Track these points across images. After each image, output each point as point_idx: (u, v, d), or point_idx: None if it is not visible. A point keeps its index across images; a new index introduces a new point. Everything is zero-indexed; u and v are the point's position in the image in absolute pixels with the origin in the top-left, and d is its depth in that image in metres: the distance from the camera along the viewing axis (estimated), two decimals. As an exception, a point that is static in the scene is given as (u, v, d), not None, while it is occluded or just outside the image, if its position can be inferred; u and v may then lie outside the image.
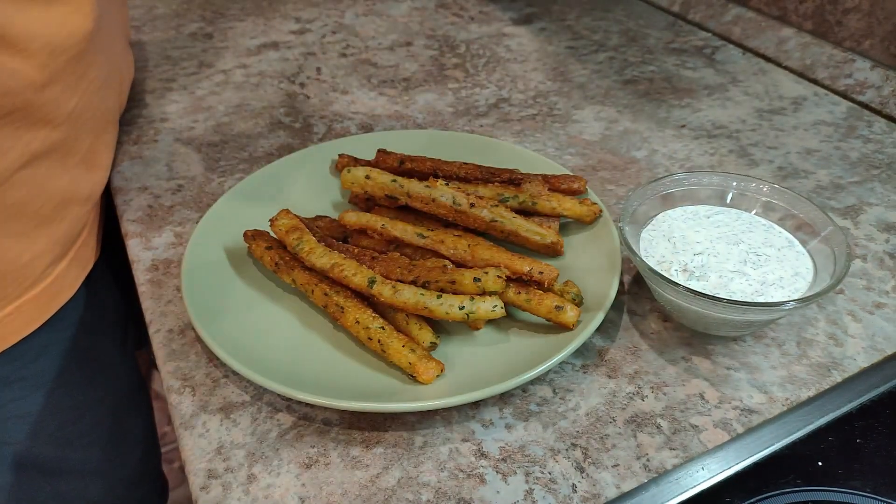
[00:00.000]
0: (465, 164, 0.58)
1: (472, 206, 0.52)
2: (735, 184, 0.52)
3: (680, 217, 0.51)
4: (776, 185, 0.51)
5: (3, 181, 0.48)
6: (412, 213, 0.54)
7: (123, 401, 0.70)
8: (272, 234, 0.52)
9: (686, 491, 0.39)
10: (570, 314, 0.45)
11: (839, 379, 0.45)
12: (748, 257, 0.47)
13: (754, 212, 0.51)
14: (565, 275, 0.50)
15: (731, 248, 0.47)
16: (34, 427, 0.59)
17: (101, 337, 0.65)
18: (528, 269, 0.47)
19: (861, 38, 0.76)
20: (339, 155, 0.63)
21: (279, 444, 0.42)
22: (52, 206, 0.53)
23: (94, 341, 0.63)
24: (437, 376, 0.43)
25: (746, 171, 0.65)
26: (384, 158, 0.60)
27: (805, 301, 0.42)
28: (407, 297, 0.45)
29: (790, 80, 0.80)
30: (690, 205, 0.52)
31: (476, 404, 0.44)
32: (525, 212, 0.54)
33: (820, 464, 0.40)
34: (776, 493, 0.39)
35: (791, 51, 0.82)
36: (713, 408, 0.43)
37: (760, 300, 0.44)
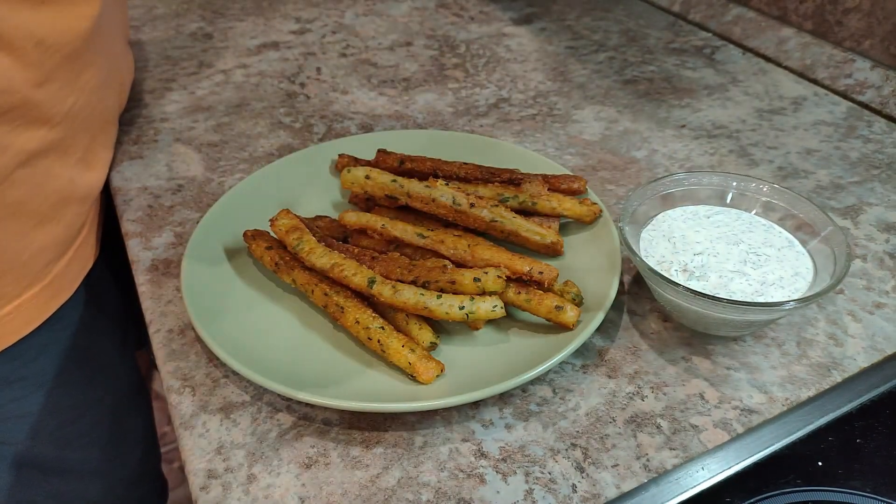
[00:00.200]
0: (465, 164, 0.58)
1: (472, 206, 0.52)
2: (735, 184, 0.52)
3: (680, 217, 0.51)
4: (776, 185, 0.51)
5: (1, 180, 0.48)
6: (412, 213, 0.54)
7: (123, 401, 0.70)
8: (272, 234, 0.52)
9: (686, 491, 0.39)
10: (570, 314, 0.45)
11: (839, 379, 0.45)
12: (748, 257, 0.47)
13: (754, 212, 0.51)
14: (565, 275, 0.50)
15: (731, 248, 0.47)
16: (33, 427, 0.59)
17: (101, 337, 0.65)
18: (528, 269, 0.47)
19: (861, 38, 0.76)
20: (339, 155, 0.63)
21: (279, 444, 0.42)
22: (50, 205, 0.53)
23: (94, 341, 0.63)
24: (437, 376, 0.43)
25: (746, 171, 0.65)
26: (384, 158, 0.60)
27: (805, 301, 0.42)
28: (407, 297, 0.45)
29: (790, 80, 0.80)
30: (690, 205, 0.52)
31: (476, 404, 0.44)
32: (525, 212, 0.54)
33: (820, 464, 0.40)
34: (776, 493, 0.39)
35: (791, 51, 0.82)
36: (713, 408, 0.43)
37: (760, 300, 0.44)
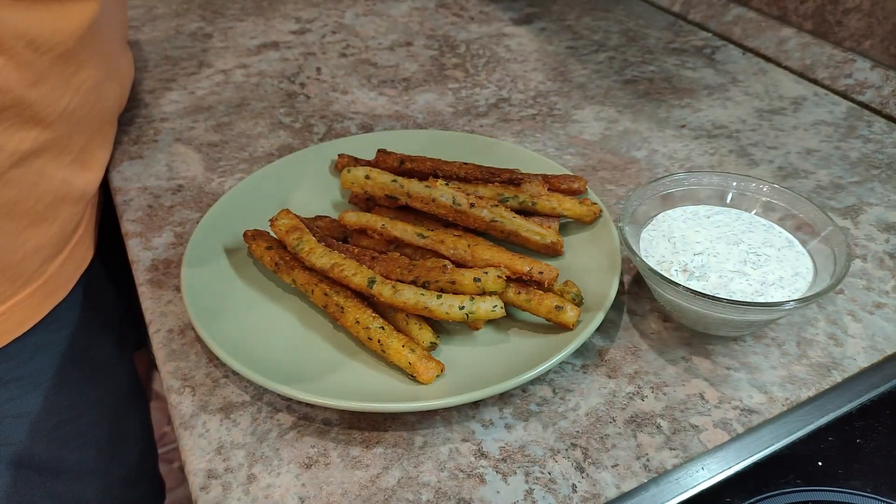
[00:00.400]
0: (465, 164, 0.58)
1: (472, 206, 0.52)
2: (735, 184, 0.52)
3: (680, 217, 0.51)
4: (776, 185, 0.51)
5: None
6: (412, 213, 0.54)
7: (121, 401, 0.70)
8: (272, 234, 0.52)
9: (686, 491, 0.39)
10: (570, 314, 0.45)
11: (839, 379, 0.45)
12: (748, 257, 0.47)
13: (754, 212, 0.51)
14: (565, 275, 0.50)
15: (731, 248, 0.47)
16: (31, 427, 0.59)
17: (98, 337, 0.65)
18: (528, 269, 0.47)
19: (861, 38, 0.76)
20: (339, 155, 0.63)
21: (279, 444, 0.42)
22: (44, 205, 0.53)
23: (91, 341, 0.63)
24: (437, 376, 0.43)
25: (746, 171, 0.65)
26: (384, 158, 0.60)
27: (805, 301, 0.42)
28: (407, 297, 0.45)
29: (790, 80, 0.80)
30: (690, 205, 0.52)
31: (476, 404, 0.44)
32: (525, 212, 0.54)
33: (820, 464, 0.40)
34: (776, 493, 0.39)
35: (791, 51, 0.82)
36: (713, 408, 0.43)
37: (760, 300, 0.44)
